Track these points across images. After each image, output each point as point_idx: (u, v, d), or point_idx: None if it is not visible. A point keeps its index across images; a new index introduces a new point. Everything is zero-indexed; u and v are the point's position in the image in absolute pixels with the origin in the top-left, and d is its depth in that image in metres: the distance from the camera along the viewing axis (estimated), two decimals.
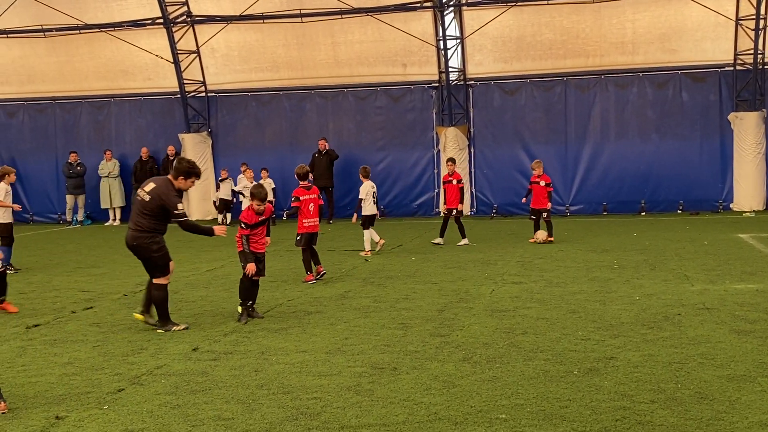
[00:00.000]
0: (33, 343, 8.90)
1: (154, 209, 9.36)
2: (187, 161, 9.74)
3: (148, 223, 9.40)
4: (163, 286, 9.56)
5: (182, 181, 9.57)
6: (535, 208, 17.44)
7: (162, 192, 9.38)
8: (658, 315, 9.51)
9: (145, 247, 9.43)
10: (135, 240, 9.45)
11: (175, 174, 9.58)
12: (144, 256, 9.52)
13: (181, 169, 9.57)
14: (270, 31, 24.56)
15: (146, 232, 9.41)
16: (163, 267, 9.54)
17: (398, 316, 9.86)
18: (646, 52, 23.02)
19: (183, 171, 9.56)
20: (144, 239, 9.41)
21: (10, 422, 6.20)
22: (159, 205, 9.34)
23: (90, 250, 18.42)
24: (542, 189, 17.28)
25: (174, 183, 9.55)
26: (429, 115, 24.50)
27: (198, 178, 9.79)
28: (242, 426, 6.01)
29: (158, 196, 9.36)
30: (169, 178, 9.62)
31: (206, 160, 25.38)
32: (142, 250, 9.47)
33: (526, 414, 6.10)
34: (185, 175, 9.56)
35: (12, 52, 26.21)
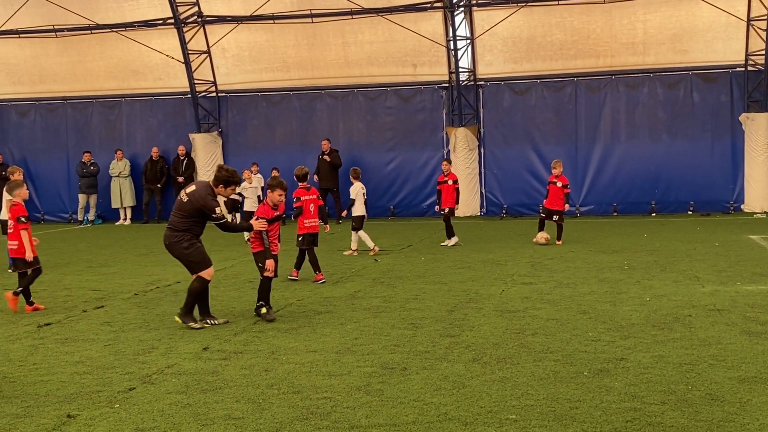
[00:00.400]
0: (44, 342, 8.95)
1: (190, 210, 9.53)
2: (225, 170, 9.76)
3: (182, 223, 9.55)
4: (203, 281, 9.66)
5: (222, 189, 9.70)
6: (549, 209, 17.03)
7: (200, 196, 9.53)
8: (668, 316, 9.49)
9: (175, 244, 9.57)
10: (168, 239, 9.66)
11: (215, 182, 9.69)
12: (176, 254, 9.66)
13: (221, 177, 9.67)
14: (280, 31, 24.60)
15: (178, 231, 9.56)
16: (199, 262, 9.62)
17: (408, 317, 9.87)
18: (657, 52, 22.96)
19: (223, 180, 9.67)
20: (174, 238, 9.57)
21: (22, 420, 6.24)
22: (196, 207, 9.49)
23: (101, 249, 18.49)
24: (559, 190, 16.92)
25: (214, 191, 9.68)
26: (439, 115, 24.50)
27: (238, 186, 9.95)
28: (252, 425, 6.03)
29: (196, 199, 9.52)
30: (210, 183, 9.73)
31: (216, 160, 25.45)
32: (174, 248, 9.63)
33: (536, 415, 6.10)
34: (225, 183, 9.68)
35: (24, 51, 26.34)
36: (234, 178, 9.72)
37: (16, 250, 11.12)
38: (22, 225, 11.14)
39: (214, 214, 9.50)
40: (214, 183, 9.70)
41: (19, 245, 11.07)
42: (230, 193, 9.80)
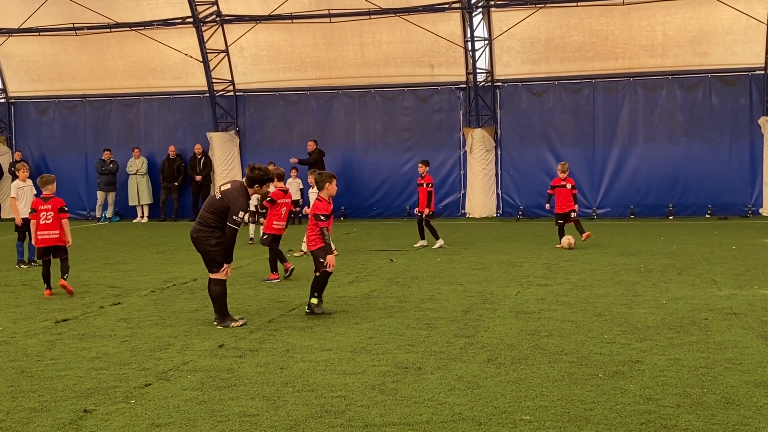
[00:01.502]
0: (62, 338, 9.02)
1: (220, 208, 9.47)
2: (258, 168, 9.69)
3: (212, 220, 9.52)
4: (220, 282, 9.61)
5: (257, 188, 9.65)
6: (561, 213, 16.74)
7: (233, 196, 9.46)
8: (684, 319, 9.45)
9: (203, 241, 9.54)
10: (196, 233, 9.61)
11: (249, 182, 9.62)
12: (201, 249, 9.63)
13: (254, 177, 9.60)
14: (298, 31, 24.66)
15: (208, 227, 9.53)
16: (220, 263, 9.59)
17: (423, 317, 9.87)
18: (675, 54, 22.84)
19: (257, 179, 9.61)
20: (203, 233, 9.53)
21: (39, 414, 6.30)
22: (226, 206, 9.44)
23: (118, 246, 18.60)
24: (568, 192, 16.71)
25: (249, 191, 9.63)
26: (456, 116, 24.48)
27: (272, 182, 9.90)
28: (267, 422, 6.05)
29: (228, 198, 9.46)
30: (244, 184, 9.68)
31: (233, 159, 25.56)
32: (200, 244, 9.58)
33: (550, 416, 6.09)
34: (260, 182, 9.62)
35: (44, 49, 26.54)
36: (268, 176, 9.68)
37: (57, 238, 12.27)
38: (64, 214, 12.41)
39: (236, 216, 9.35)
40: (248, 183, 9.63)
41: (61, 234, 12.30)
42: (264, 191, 9.77)
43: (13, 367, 7.75)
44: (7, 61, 27.05)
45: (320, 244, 10.16)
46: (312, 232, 10.21)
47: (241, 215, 9.42)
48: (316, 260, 10.21)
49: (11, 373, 7.50)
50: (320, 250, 10.14)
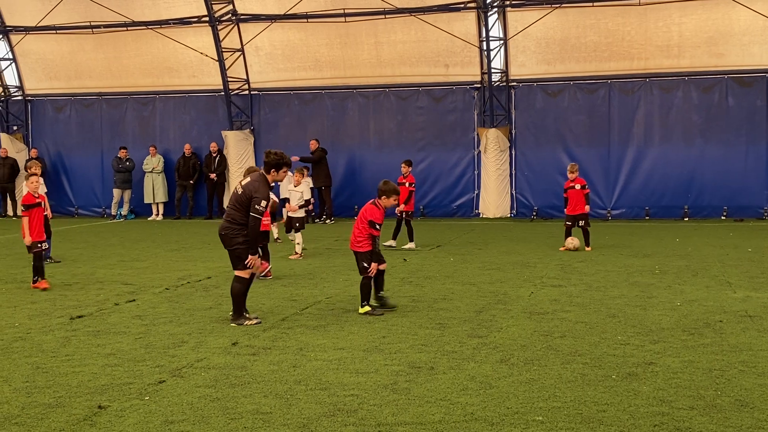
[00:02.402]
0: (77, 334, 9.08)
1: (244, 202, 9.50)
2: (274, 153, 9.73)
3: (239, 216, 9.55)
4: (243, 280, 9.66)
5: (274, 174, 9.68)
6: (572, 215, 16.46)
7: (254, 186, 9.52)
8: (699, 321, 9.41)
9: (231, 238, 9.58)
10: (224, 230, 9.64)
11: (266, 169, 9.69)
12: (228, 246, 9.67)
13: (270, 162, 9.66)
14: (313, 30, 24.70)
15: (236, 224, 9.56)
16: (244, 260, 9.62)
17: (436, 316, 9.88)
18: (692, 55, 22.72)
19: (273, 164, 9.65)
20: (232, 230, 9.56)
21: (54, 410, 6.34)
22: (249, 198, 9.48)
23: (133, 243, 18.69)
24: (579, 193, 16.44)
25: (269, 178, 9.68)
26: (470, 116, 24.45)
27: (289, 167, 9.89)
28: (280, 420, 6.08)
29: (249, 189, 9.51)
30: (263, 173, 9.73)
31: (248, 157, 25.63)
32: (228, 241, 9.62)
33: (563, 417, 6.09)
34: (276, 167, 9.66)
35: (61, 47, 26.71)
36: (284, 160, 9.67)
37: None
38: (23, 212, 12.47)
39: (258, 205, 9.39)
40: (266, 170, 9.69)
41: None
42: (283, 176, 9.77)
43: (28, 362, 7.81)
44: (24, 58, 27.22)
45: (367, 248, 10.18)
46: (360, 234, 10.20)
47: (263, 204, 9.44)
48: (359, 263, 10.23)
49: (27, 369, 7.56)
50: (366, 254, 10.16)
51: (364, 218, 10.24)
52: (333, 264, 14.77)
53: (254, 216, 9.41)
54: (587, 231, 16.46)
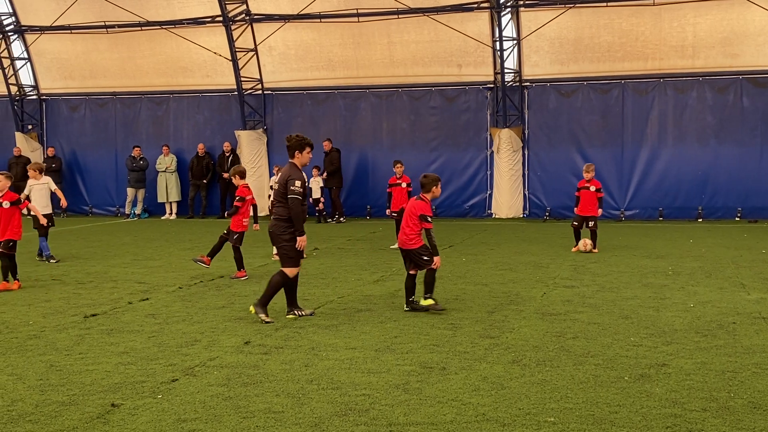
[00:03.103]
0: (90, 332, 9.13)
1: (284, 194, 9.65)
2: (295, 136, 9.89)
3: (285, 211, 9.68)
4: (285, 276, 9.79)
5: (299, 156, 9.79)
6: (582, 215, 16.33)
7: (286, 174, 9.69)
8: (712, 323, 9.37)
9: (279, 235, 9.71)
10: (273, 227, 9.79)
11: (290, 153, 9.82)
12: (276, 243, 9.82)
13: (292, 145, 9.79)
14: (327, 30, 24.73)
15: (282, 221, 9.69)
16: (292, 258, 9.75)
17: (448, 317, 9.88)
18: (706, 56, 22.61)
19: (296, 146, 9.78)
20: (279, 228, 9.70)
21: (67, 408, 6.38)
22: (286, 187, 9.62)
23: (147, 242, 18.77)
24: (592, 195, 16.30)
25: (296, 163, 9.79)
26: (483, 116, 24.42)
27: (312, 147, 9.96)
28: (292, 419, 6.09)
29: (283, 178, 9.68)
30: (291, 162, 9.83)
31: (261, 157, 25.70)
32: (276, 239, 9.77)
33: (575, 418, 6.08)
34: (299, 148, 9.77)
35: (76, 47, 26.85)
36: (305, 140, 9.81)
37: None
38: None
39: (293, 185, 9.53)
40: (290, 155, 9.81)
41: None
42: (308, 156, 9.85)
43: (42, 360, 7.86)
44: (39, 58, 27.38)
45: (420, 243, 10.26)
46: (412, 231, 10.24)
47: (297, 184, 9.56)
48: (419, 258, 10.26)
49: (40, 367, 7.61)
50: (422, 248, 10.25)
51: (413, 215, 10.29)
52: (345, 264, 14.79)
53: (293, 198, 9.56)
54: (595, 233, 16.31)
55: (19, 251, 15.17)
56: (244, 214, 13.38)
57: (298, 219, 9.62)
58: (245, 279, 12.99)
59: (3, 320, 9.85)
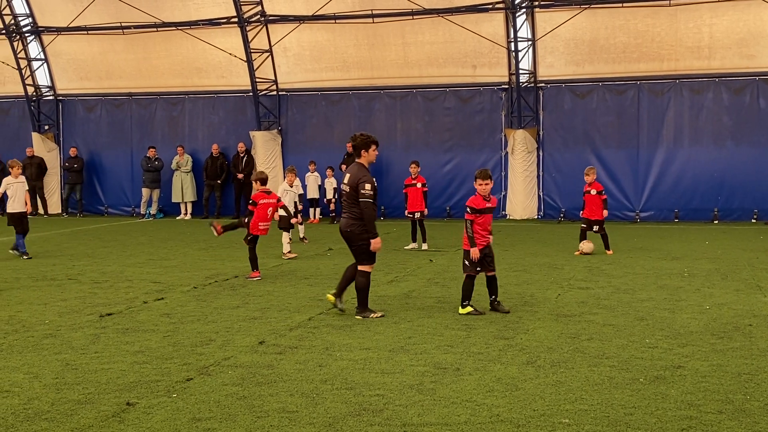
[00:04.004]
0: (106, 332, 9.17)
1: (356, 195, 9.72)
2: (360, 134, 9.98)
3: (359, 211, 9.76)
4: (366, 274, 9.89)
5: (365, 154, 9.87)
6: (590, 219, 16.18)
7: (356, 176, 9.75)
8: (728, 325, 9.32)
9: (356, 234, 9.78)
10: (348, 227, 9.85)
11: (356, 152, 9.90)
12: (353, 243, 9.87)
13: (358, 144, 9.88)
14: (341, 31, 24.76)
15: (359, 220, 9.75)
16: (369, 255, 9.84)
17: (462, 317, 9.87)
18: (723, 57, 22.49)
19: (361, 144, 9.87)
20: (356, 227, 9.78)
21: (83, 406, 6.41)
22: (355, 187, 9.70)
23: (162, 242, 18.85)
24: (596, 198, 16.18)
25: (363, 162, 9.86)
26: (498, 116, 24.38)
27: (377, 145, 10.04)
28: (306, 419, 6.10)
29: (354, 181, 9.72)
30: (358, 161, 9.91)
31: (276, 157, 25.76)
32: (353, 237, 9.83)
33: (589, 419, 6.06)
34: (365, 146, 9.87)
35: (92, 48, 27.00)
36: (371, 138, 9.90)
37: None
38: None
39: (364, 189, 9.62)
40: (356, 154, 9.89)
41: None
42: (374, 155, 9.93)
43: (58, 359, 7.90)
44: (55, 59, 27.56)
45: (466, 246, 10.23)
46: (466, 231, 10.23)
47: (368, 187, 9.63)
48: (462, 261, 10.30)
49: (56, 366, 7.65)
50: (467, 252, 10.21)
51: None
52: None
53: (364, 201, 9.64)
54: (605, 235, 16.19)
55: (38, 250, 15.29)
56: (260, 218, 13.34)
57: (371, 221, 9.73)
58: (258, 279, 13.00)
59: (19, 319, 9.91)
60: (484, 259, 10.23)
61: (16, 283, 12.71)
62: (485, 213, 10.26)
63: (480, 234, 10.19)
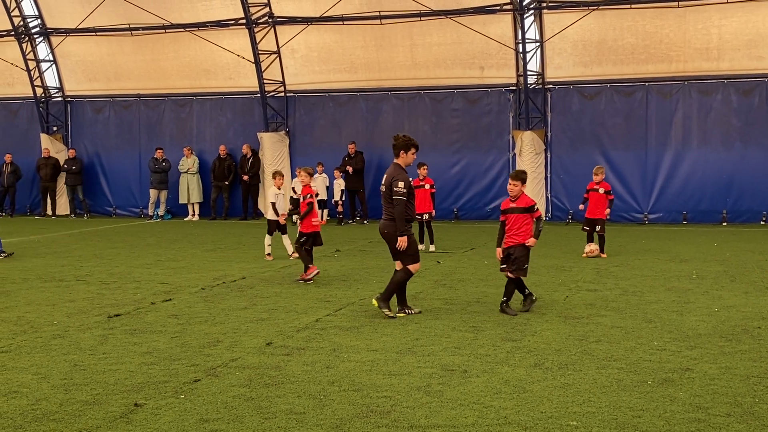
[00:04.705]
0: (114, 332, 9.19)
1: (391, 196, 9.81)
2: (401, 136, 10.05)
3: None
4: (409, 272, 9.97)
5: (404, 156, 9.96)
6: (591, 218, 16.05)
7: (391, 176, 9.84)
8: (737, 327, 9.28)
9: (393, 234, 9.89)
10: (385, 228, 9.97)
11: (395, 152, 9.98)
12: (391, 243, 9.96)
13: (399, 144, 9.95)
14: (349, 32, 24.78)
15: (394, 220, 9.84)
16: (412, 255, 9.93)
17: (469, 319, 9.86)
18: (731, 58, 22.41)
19: (401, 145, 9.95)
20: (392, 227, 9.88)
21: (91, 407, 6.43)
22: (390, 187, 9.78)
23: (170, 243, 18.88)
24: (602, 197, 16.05)
25: (400, 163, 9.94)
26: (505, 118, 24.35)
27: (417, 149, 10.11)
28: (313, 420, 6.10)
29: (389, 181, 9.82)
30: (395, 162, 9.99)
31: (283, 159, 25.77)
32: (392, 238, 9.90)
33: (597, 422, 6.04)
34: (404, 148, 9.95)
35: (101, 49, 27.07)
36: (412, 141, 9.98)
37: None
38: None
39: (397, 187, 9.71)
40: (395, 153, 9.96)
41: None
42: (412, 157, 10.02)
43: (66, 360, 7.92)
44: (64, 60, 27.64)
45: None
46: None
47: (401, 185, 9.72)
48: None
49: (65, 366, 7.67)
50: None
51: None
52: (366, 266, 14.80)
53: (398, 198, 9.74)
54: (603, 237, 16.03)
55: (46, 251, 15.34)
56: (313, 214, 13.33)
57: (401, 219, 9.82)
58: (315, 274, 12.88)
59: (28, 320, 9.95)
60: (507, 258, 10.28)
61: (25, 284, 12.75)
62: (508, 213, 10.31)
63: (507, 234, 10.29)
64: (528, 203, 10.36)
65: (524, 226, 10.28)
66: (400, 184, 9.76)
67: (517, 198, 10.31)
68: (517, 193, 10.31)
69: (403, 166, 9.98)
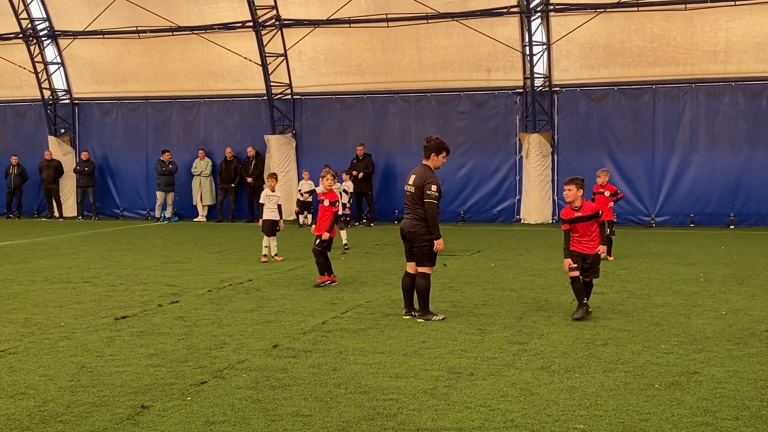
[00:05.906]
0: (121, 334, 9.21)
1: (421, 197, 9.80)
2: (434, 138, 10.06)
3: (423, 212, 9.84)
4: (427, 276, 9.97)
5: (435, 158, 9.98)
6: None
7: (422, 178, 9.84)
8: (744, 331, 9.25)
9: (420, 235, 9.86)
10: (411, 227, 9.92)
11: (426, 154, 9.98)
12: (416, 243, 9.93)
13: (430, 146, 9.96)
14: (356, 35, 24.80)
15: (423, 221, 9.85)
16: (430, 257, 9.92)
17: (476, 322, 9.85)
18: (739, 61, 22.36)
19: (434, 147, 9.96)
20: (420, 227, 9.85)
21: (98, 409, 6.44)
22: (421, 188, 9.78)
23: (177, 245, 18.91)
24: (607, 200, 15.99)
25: (430, 165, 9.95)
26: (512, 121, 24.34)
27: (448, 153, 10.16)
28: (320, 423, 6.10)
29: (420, 182, 9.81)
30: (424, 164, 10.00)
31: (290, 161, 25.80)
32: (416, 238, 9.89)
33: (604, 425, 6.03)
34: (436, 151, 9.96)
35: (108, 52, 27.15)
36: (444, 144, 10.02)
37: None
38: None
39: (430, 190, 9.71)
40: (426, 155, 9.96)
41: None
42: (442, 160, 10.04)
43: (73, 362, 7.94)
44: (72, 62, 27.73)
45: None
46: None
47: (434, 188, 9.72)
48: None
49: (71, 368, 7.69)
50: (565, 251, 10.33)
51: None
52: (373, 268, 14.80)
53: (429, 201, 9.73)
54: (610, 240, 15.74)
55: (53, 253, 15.40)
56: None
57: (434, 222, 9.81)
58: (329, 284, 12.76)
59: (35, 321, 9.97)
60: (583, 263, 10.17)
61: (32, 286, 12.79)
62: (575, 223, 10.15)
63: (575, 240, 10.18)
64: (593, 209, 10.28)
65: (594, 232, 10.23)
66: (434, 188, 9.73)
67: (581, 207, 10.20)
68: (575, 198, 10.19)
69: (433, 169, 9.97)
